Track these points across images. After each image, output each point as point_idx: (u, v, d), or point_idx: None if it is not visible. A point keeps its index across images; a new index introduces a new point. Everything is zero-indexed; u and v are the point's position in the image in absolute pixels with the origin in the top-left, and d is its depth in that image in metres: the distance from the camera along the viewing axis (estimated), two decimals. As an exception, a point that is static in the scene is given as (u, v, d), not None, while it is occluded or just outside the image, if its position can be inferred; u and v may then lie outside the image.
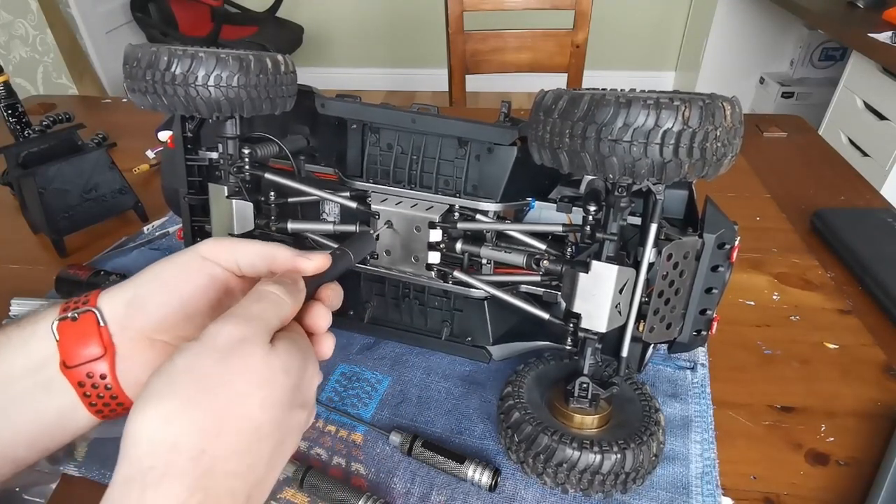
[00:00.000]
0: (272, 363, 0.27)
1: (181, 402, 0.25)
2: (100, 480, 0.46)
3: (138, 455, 0.24)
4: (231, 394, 0.26)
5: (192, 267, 0.33)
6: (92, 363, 0.31)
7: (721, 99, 0.34)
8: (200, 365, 0.26)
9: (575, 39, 1.46)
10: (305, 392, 0.30)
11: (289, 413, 0.28)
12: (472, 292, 0.52)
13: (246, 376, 0.26)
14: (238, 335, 0.27)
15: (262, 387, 0.27)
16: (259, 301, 0.29)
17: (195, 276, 0.33)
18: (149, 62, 0.42)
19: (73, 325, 0.31)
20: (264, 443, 0.27)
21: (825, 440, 0.50)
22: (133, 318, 0.32)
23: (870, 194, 0.86)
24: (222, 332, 0.27)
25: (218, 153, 0.51)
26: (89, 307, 0.32)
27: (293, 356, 0.29)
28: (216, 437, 0.25)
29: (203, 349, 0.26)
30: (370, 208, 0.50)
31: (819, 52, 2.52)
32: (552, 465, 0.42)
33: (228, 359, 0.26)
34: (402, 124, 0.50)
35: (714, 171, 0.35)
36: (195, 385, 0.25)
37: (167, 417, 0.25)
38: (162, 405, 0.25)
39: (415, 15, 3.05)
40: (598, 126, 0.33)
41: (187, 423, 0.25)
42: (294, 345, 0.29)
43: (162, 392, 0.25)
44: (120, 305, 0.33)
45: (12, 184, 0.78)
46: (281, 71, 0.46)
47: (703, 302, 0.44)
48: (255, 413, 0.26)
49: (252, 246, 0.34)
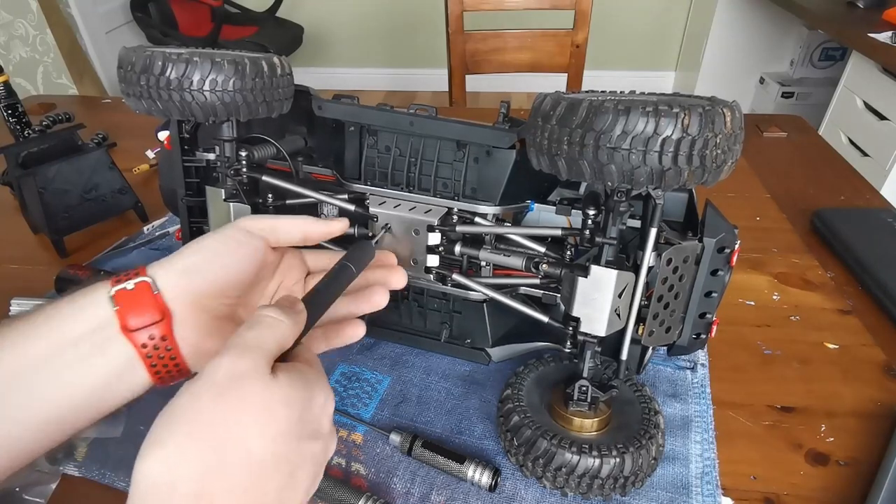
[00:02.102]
0: (271, 396, 0.27)
1: (179, 443, 0.25)
2: (99, 480, 0.46)
3: (142, 498, 0.25)
4: (229, 430, 0.26)
5: (236, 238, 0.37)
6: (152, 326, 0.33)
7: (721, 105, 0.34)
8: (199, 404, 0.26)
9: (575, 39, 1.45)
10: (314, 422, 0.29)
11: (296, 445, 0.28)
12: (471, 294, 0.52)
13: (243, 411, 0.26)
14: (236, 369, 0.27)
15: (261, 421, 0.26)
16: (254, 327, 0.29)
17: (239, 247, 0.37)
18: (143, 66, 0.42)
19: (129, 293, 0.33)
20: (269, 477, 0.26)
21: (825, 440, 0.50)
22: (187, 285, 0.35)
23: (870, 194, 0.86)
24: (220, 368, 0.27)
25: (215, 155, 0.51)
26: (142, 277, 0.34)
27: (294, 387, 0.28)
28: (216, 475, 0.25)
29: (202, 387, 0.26)
30: (368, 211, 0.50)
31: (819, 52, 2.52)
32: (551, 469, 0.42)
33: (226, 395, 0.26)
34: (400, 127, 0.50)
35: (714, 178, 0.35)
36: (193, 424, 0.25)
37: (166, 460, 0.25)
38: (161, 448, 0.25)
39: (415, 15, 3.05)
40: (596, 133, 0.33)
41: (185, 463, 0.25)
42: (296, 374, 0.29)
43: (161, 435, 0.25)
44: (173, 274, 0.35)
45: (12, 184, 0.78)
46: (277, 73, 0.46)
47: (702, 306, 0.44)
48: (256, 448, 0.26)
49: (287, 219, 0.39)
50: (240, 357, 0.27)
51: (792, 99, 2.51)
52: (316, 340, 0.40)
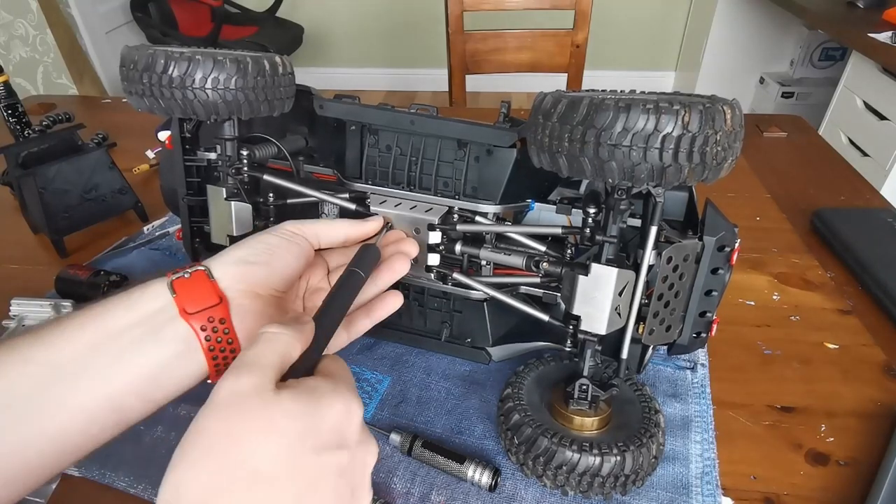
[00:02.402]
0: (272, 410, 0.27)
1: (187, 467, 0.25)
2: (100, 480, 0.46)
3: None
4: (233, 449, 0.26)
5: (286, 236, 0.40)
6: (210, 310, 0.34)
7: (721, 102, 0.34)
8: (204, 426, 0.26)
9: (575, 39, 1.45)
10: (333, 432, 0.28)
11: (312, 458, 0.27)
12: (471, 294, 0.52)
13: (246, 428, 0.26)
14: (236, 388, 0.27)
15: (265, 436, 0.26)
16: (255, 345, 0.29)
17: (289, 244, 0.39)
18: (146, 65, 0.42)
19: (186, 281, 0.35)
20: (283, 491, 0.26)
21: (825, 440, 0.50)
22: (243, 273, 0.36)
23: (870, 194, 0.86)
24: (222, 388, 0.27)
25: (216, 154, 0.51)
26: (198, 267, 0.36)
27: (298, 399, 0.27)
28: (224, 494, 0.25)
29: (207, 410, 0.26)
30: (369, 210, 0.50)
31: (819, 52, 2.52)
32: (552, 468, 0.42)
33: (228, 414, 0.26)
34: (401, 126, 0.50)
35: (714, 176, 0.35)
36: (200, 447, 0.26)
37: (176, 485, 0.25)
38: (172, 472, 0.25)
39: (415, 15, 3.05)
40: (597, 130, 0.33)
41: (192, 487, 0.25)
42: (303, 387, 0.28)
43: (174, 461, 0.26)
44: (229, 264, 0.37)
45: (12, 184, 0.79)
46: (279, 72, 0.46)
47: (702, 304, 0.44)
48: (262, 464, 0.26)
49: (328, 223, 0.43)
50: (239, 375, 0.27)
51: (792, 99, 2.51)
52: (359, 320, 0.43)
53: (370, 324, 0.43)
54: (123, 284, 0.64)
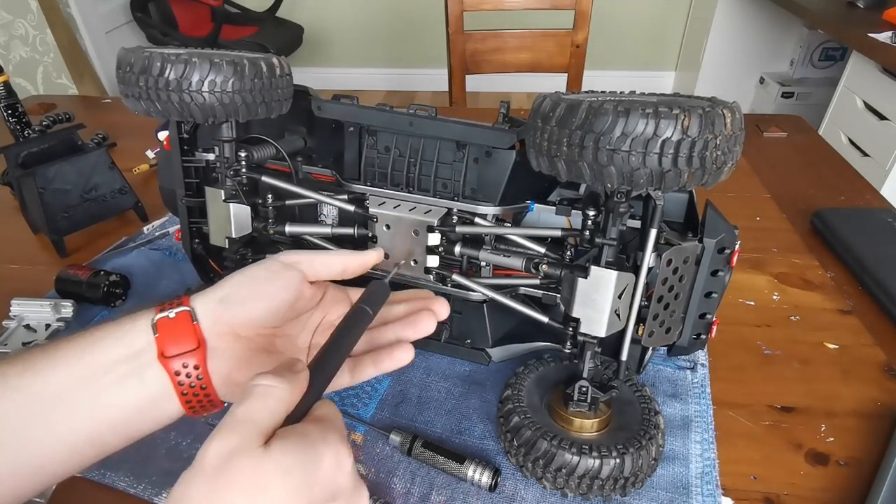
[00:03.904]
0: (265, 469, 0.26)
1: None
2: (100, 480, 0.46)
3: None
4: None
5: (272, 270, 0.38)
6: (186, 355, 0.34)
7: (721, 106, 0.34)
8: (191, 492, 0.25)
9: (575, 39, 1.45)
10: (327, 483, 0.28)
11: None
12: (470, 295, 0.52)
13: (236, 492, 0.25)
14: (224, 449, 0.26)
15: (257, 498, 0.25)
16: (244, 400, 0.28)
17: (275, 278, 0.37)
18: (142, 67, 0.42)
19: (170, 322, 0.34)
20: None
21: (825, 440, 0.50)
22: (223, 314, 0.36)
23: (870, 194, 0.86)
24: (209, 451, 0.26)
25: (214, 156, 0.51)
26: (184, 307, 0.35)
27: (289, 453, 0.27)
28: None
29: (193, 474, 0.26)
30: (368, 211, 0.50)
31: (819, 52, 2.51)
32: (551, 470, 0.42)
33: (216, 479, 0.25)
34: (400, 127, 0.50)
35: (714, 180, 0.34)
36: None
37: None
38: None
39: (415, 15, 3.04)
40: (596, 135, 0.33)
41: None
42: (294, 439, 0.27)
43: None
44: (212, 303, 0.36)
45: (12, 184, 0.79)
46: (276, 74, 0.46)
47: (702, 306, 0.44)
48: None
49: (325, 254, 0.40)
50: (227, 435, 0.26)
51: (792, 99, 2.51)
52: (365, 366, 0.40)
53: (375, 373, 0.41)
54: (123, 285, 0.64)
